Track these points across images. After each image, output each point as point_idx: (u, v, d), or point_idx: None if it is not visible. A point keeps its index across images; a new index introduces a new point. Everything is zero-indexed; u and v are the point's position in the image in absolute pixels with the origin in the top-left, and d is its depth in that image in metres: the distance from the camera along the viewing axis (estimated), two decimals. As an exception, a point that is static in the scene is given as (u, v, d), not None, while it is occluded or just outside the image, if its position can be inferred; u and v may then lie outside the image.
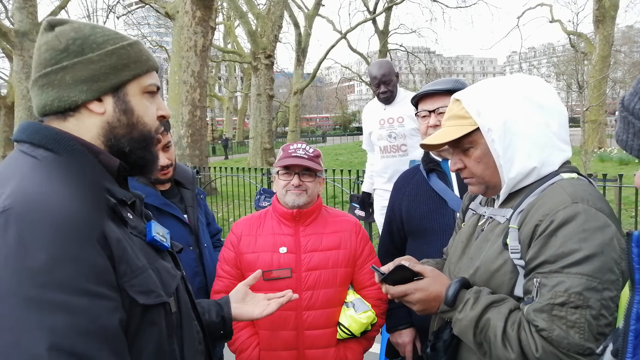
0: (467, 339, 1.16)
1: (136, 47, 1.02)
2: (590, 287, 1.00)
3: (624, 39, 38.38)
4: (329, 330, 1.83)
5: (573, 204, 1.07)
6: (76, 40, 0.95)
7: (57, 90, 0.95)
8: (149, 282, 0.92)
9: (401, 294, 1.25)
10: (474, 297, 1.15)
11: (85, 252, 0.80)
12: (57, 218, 0.79)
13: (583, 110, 12.10)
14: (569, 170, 1.20)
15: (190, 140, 10.03)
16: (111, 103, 0.98)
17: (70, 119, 0.96)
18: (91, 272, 0.80)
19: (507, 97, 1.19)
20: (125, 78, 0.98)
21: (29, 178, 0.85)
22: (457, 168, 1.29)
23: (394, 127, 3.49)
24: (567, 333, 1.01)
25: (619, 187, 4.85)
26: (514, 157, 1.18)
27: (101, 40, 0.97)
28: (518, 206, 1.18)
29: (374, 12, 26.80)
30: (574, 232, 1.04)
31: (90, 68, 0.95)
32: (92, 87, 0.95)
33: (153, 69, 1.04)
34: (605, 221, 1.06)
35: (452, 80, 1.91)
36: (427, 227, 1.86)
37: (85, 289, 0.78)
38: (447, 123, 1.28)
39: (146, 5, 16.02)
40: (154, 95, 1.05)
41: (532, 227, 1.11)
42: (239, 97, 40.76)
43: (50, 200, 0.82)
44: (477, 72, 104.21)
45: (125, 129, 0.99)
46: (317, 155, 1.88)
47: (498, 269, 1.17)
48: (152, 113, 1.04)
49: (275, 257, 1.82)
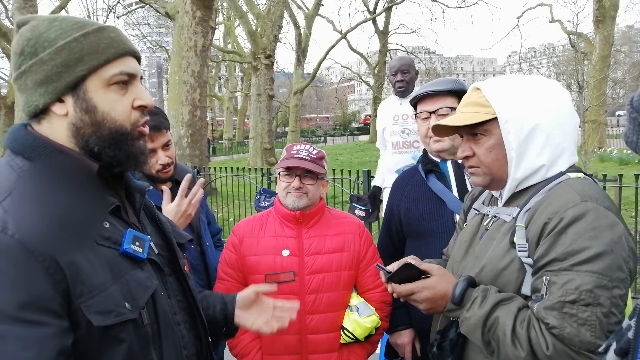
0: (475, 337, 1.16)
1: (93, 36, 0.92)
2: (601, 285, 1.01)
3: (624, 39, 38.38)
4: (332, 334, 1.80)
5: (582, 202, 1.07)
6: (30, 40, 0.90)
7: (25, 96, 0.92)
8: (107, 302, 0.88)
9: (408, 293, 1.25)
10: (482, 295, 1.15)
11: (25, 278, 0.78)
12: (5, 244, 0.78)
13: (583, 111, 12.09)
14: (575, 170, 1.21)
15: (190, 140, 10.02)
16: (71, 103, 0.92)
17: (43, 122, 0.93)
18: (27, 299, 0.78)
19: (528, 93, 1.20)
20: (80, 73, 0.90)
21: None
22: (465, 155, 1.28)
23: (407, 123, 3.50)
24: (578, 331, 1.01)
25: (619, 187, 4.85)
26: (525, 153, 1.19)
27: (53, 36, 0.90)
28: (525, 204, 1.18)
29: (374, 12, 26.81)
30: (584, 230, 1.04)
31: (43, 69, 0.89)
32: (47, 89, 0.90)
33: (118, 55, 0.94)
34: (613, 219, 1.06)
35: (452, 80, 1.90)
36: (425, 228, 1.85)
37: (15, 316, 0.76)
38: (465, 109, 1.29)
39: (146, 5, 16.01)
40: (126, 84, 0.95)
41: (540, 225, 1.11)
42: (239, 97, 40.72)
43: (7, 223, 0.80)
44: (477, 72, 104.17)
45: (92, 128, 0.93)
46: (320, 157, 1.84)
47: (505, 267, 1.17)
48: (122, 106, 0.95)
49: (278, 260, 1.79)
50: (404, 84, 3.53)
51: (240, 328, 1.82)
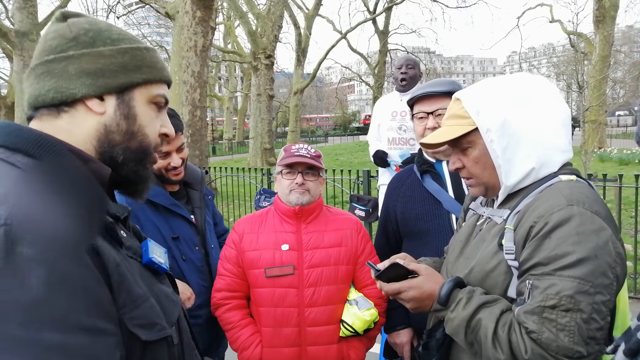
0: (459, 338, 1.16)
1: (153, 53, 0.93)
2: (582, 291, 1.00)
3: (624, 39, 38.37)
4: (331, 327, 1.83)
5: (568, 206, 1.06)
6: (88, 31, 0.86)
7: (55, 80, 0.84)
8: (151, 314, 0.80)
9: (395, 292, 1.26)
10: (467, 297, 1.15)
11: (83, 279, 0.68)
12: (46, 238, 0.66)
13: (583, 111, 12.10)
14: (569, 172, 1.18)
15: (190, 140, 10.01)
16: (113, 104, 0.87)
17: (63, 115, 0.85)
18: (90, 303, 0.68)
19: (506, 96, 1.18)
20: (135, 81, 0.89)
21: (12, 193, 0.70)
22: (456, 167, 1.29)
23: (405, 120, 3.52)
24: (556, 336, 1.00)
25: (619, 187, 4.85)
26: (512, 158, 1.17)
27: (116, 37, 0.88)
28: (515, 207, 1.17)
29: (374, 12, 26.80)
30: (568, 234, 1.03)
31: (99, 62, 0.85)
32: (96, 82, 0.85)
33: (166, 80, 0.95)
34: (600, 224, 1.05)
35: (449, 81, 1.90)
36: (422, 228, 1.86)
37: (83, 324, 0.66)
38: (447, 122, 1.28)
39: (146, 5, 16.01)
40: (160, 109, 0.96)
41: (527, 228, 1.10)
42: (239, 97, 40.73)
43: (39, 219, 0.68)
44: (477, 72, 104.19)
45: (123, 136, 0.88)
46: (318, 155, 1.90)
47: (492, 269, 1.17)
48: (155, 126, 0.94)
49: (278, 254, 1.83)
50: (407, 76, 3.56)
51: (240, 322, 1.85)
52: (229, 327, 1.87)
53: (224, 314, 1.88)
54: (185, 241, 1.94)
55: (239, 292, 1.89)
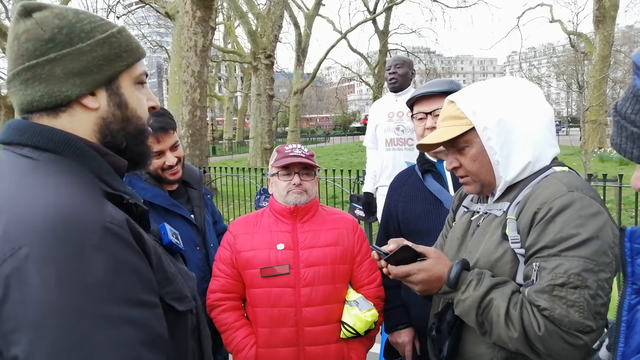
0: (469, 319, 1.20)
1: (125, 34, 0.94)
2: (588, 269, 1.06)
3: (624, 39, 38.35)
4: (329, 326, 1.82)
5: (569, 192, 1.13)
6: (62, 28, 0.86)
7: (45, 85, 0.85)
8: (182, 288, 0.92)
9: (404, 274, 1.27)
10: (477, 278, 1.19)
11: (134, 261, 0.78)
12: (102, 227, 0.75)
13: (583, 111, 12.10)
14: (559, 164, 1.27)
15: (190, 140, 10.03)
16: (105, 97, 0.90)
17: (62, 116, 0.88)
18: (143, 282, 0.79)
19: (501, 96, 1.26)
20: (119, 69, 0.91)
21: (49, 187, 0.78)
22: (453, 167, 1.34)
23: (402, 120, 3.50)
24: (567, 312, 1.05)
25: (619, 187, 4.85)
26: (510, 153, 1.24)
27: (89, 28, 0.88)
28: (514, 198, 1.23)
29: (374, 12, 26.80)
30: (571, 218, 1.10)
31: (82, 60, 0.86)
32: (85, 80, 0.87)
33: (143, 56, 0.97)
34: (598, 208, 1.12)
35: (448, 81, 1.91)
36: (423, 227, 1.87)
37: (141, 299, 0.77)
38: (443, 124, 1.34)
39: (146, 5, 16.00)
40: (143, 85, 0.99)
41: (530, 215, 1.16)
42: (239, 97, 40.74)
43: (84, 209, 0.76)
44: (477, 72, 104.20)
45: (121, 124, 0.92)
46: (311, 154, 1.91)
47: (499, 258, 1.21)
48: (144, 104, 0.97)
49: (273, 254, 1.82)
50: (396, 76, 3.54)
51: (235, 324, 1.85)
52: (223, 328, 1.86)
53: (218, 316, 1.87)
54: (185, 242, 1.93)
55: (234, 294, 1.88)
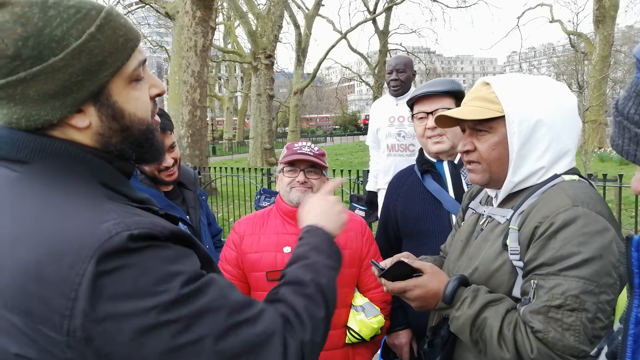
0: (464, 336, 1.17)
1: (107, 29, 0.76)
2: (587, 291, 1.01)
3: (624, 39, 38.32)
4: (335, 331, 1.79)
5: (573, 207, 1.07)
6: (27, 40, 0.69)
7: (21, 107, 0.73)
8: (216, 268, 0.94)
9: (400, 290, 1.25)
10: (472, 295, 1.15)
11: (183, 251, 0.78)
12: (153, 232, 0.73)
13: (583, 111, 12.10)
14: (571, 172, 1.20)
15: (190, 140, 10.02)
16: (94, 112, 0.78)
17: (53, 133, 0.77)
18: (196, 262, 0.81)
19: (542, 96, 1.18)
20: (104, 80, 0.76)
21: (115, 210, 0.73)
22: (466, 149, 1.26)
23: (404, 125, 3.48)
24: (562, 335, 1.01)
25: (619, 187, 4.84)
26: (527, 155, 1.18)
27: (60, 33, 0.71)
28: (519, 207, 1.18)
29: (374, 12, 26.80)
30: (573, 235, 1.04)
31: (58, 78, 0.72)
32: (65, 101, 0.74)
33: (136, 45, 0.81)
34: (604, 225, 1.06)
35: (448, 80, 1.90)
36: (422, 228, 1.85)
37: None
38: (472, 103, 1.26)
39: (146, 5, 16.00)
40: (139, 81, 0.84)
41: (531, 228, 1.11)
42: (239, 97, 40.71)
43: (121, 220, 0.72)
44: (477, 72, 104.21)
45: (122, 135, 0.82)
46: (322, 153, 1.85)
47: (497, 269, 1.17)
48: (144, 102, 0.84)
49: (279, 257, 1.78)
50: (398, 82, 3.52)
51: None
52: None
53: None
54: None
55: None
